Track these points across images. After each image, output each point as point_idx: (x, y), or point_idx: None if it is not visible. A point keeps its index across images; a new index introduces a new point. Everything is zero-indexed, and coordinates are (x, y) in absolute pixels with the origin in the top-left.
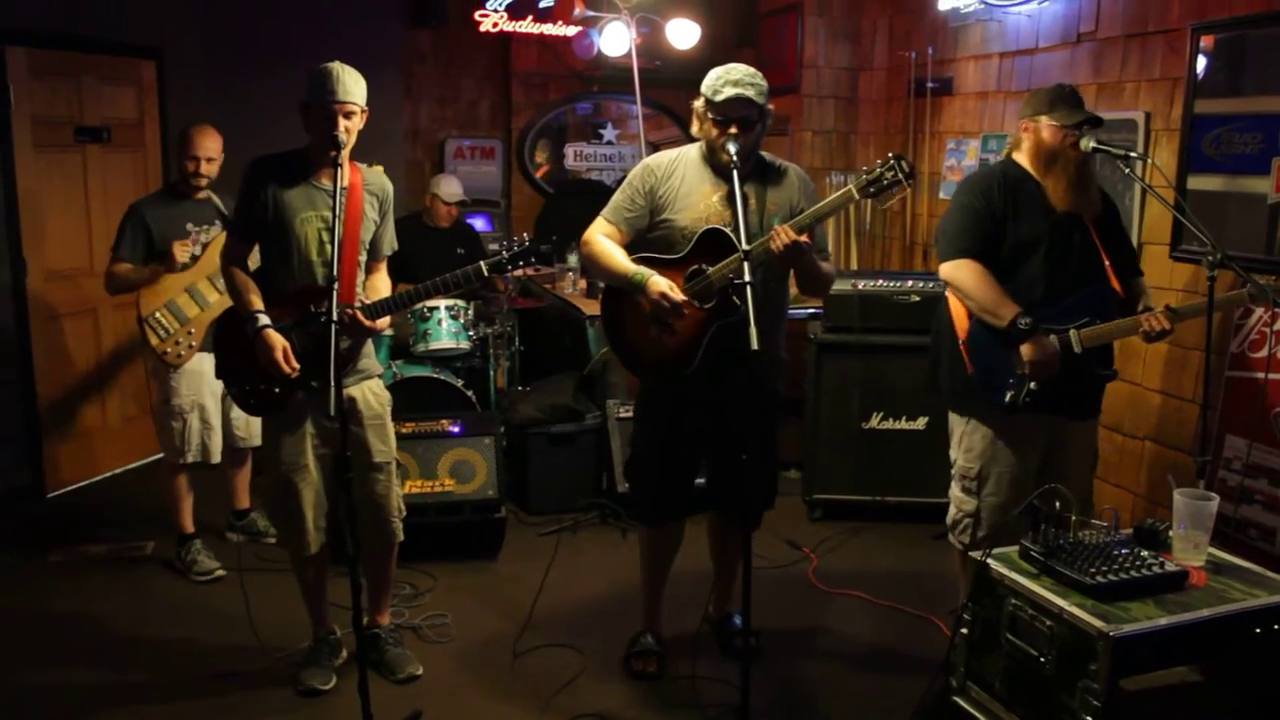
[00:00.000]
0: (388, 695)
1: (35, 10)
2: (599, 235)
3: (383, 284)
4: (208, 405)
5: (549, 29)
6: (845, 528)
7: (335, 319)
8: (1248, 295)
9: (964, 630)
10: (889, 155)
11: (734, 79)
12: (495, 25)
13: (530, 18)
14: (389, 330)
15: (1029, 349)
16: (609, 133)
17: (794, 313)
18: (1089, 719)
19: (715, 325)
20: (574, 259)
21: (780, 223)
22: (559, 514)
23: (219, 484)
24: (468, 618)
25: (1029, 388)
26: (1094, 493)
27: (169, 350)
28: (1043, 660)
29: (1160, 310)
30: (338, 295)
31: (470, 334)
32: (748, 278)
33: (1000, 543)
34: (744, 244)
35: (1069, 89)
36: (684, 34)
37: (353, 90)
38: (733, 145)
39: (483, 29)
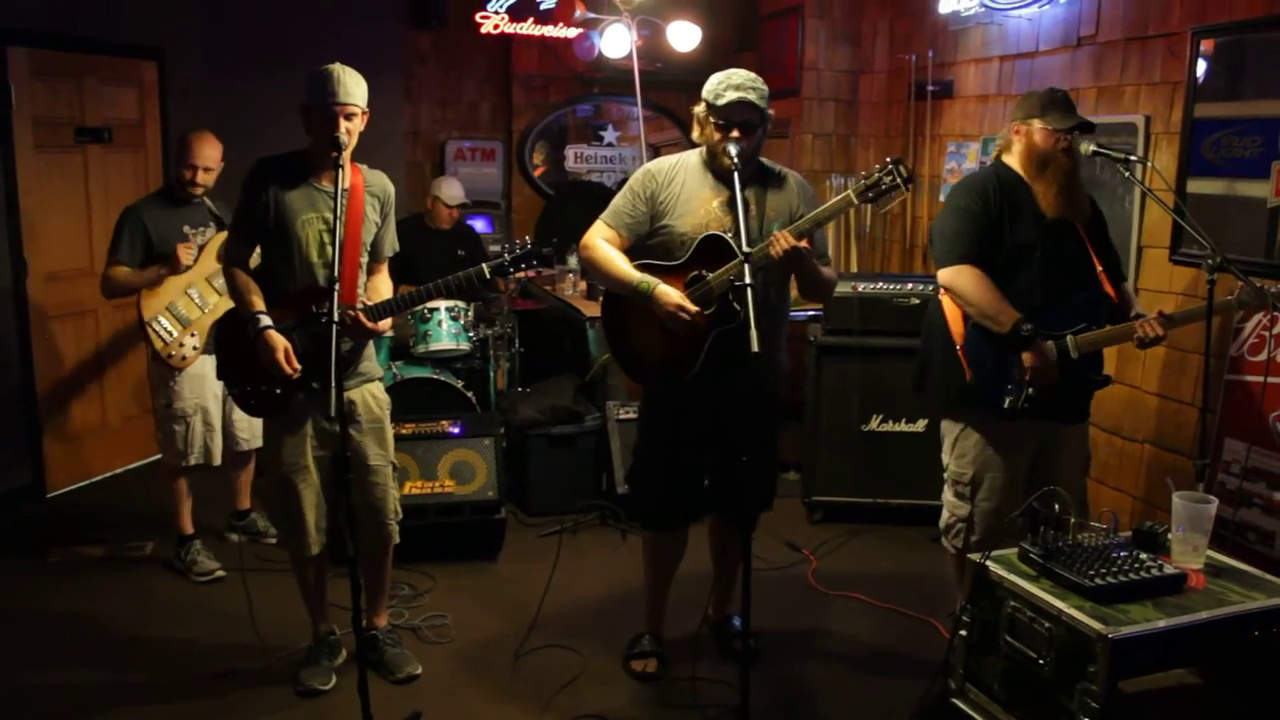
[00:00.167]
0: (387, 695)
1: (36, 11)
2: (599, 240)
3: (384, 285)
4: (210, 408)
5: (550, 31)
6: (845, 530)
7: (336, 320)
8: (1236, 303)
9: (963, 632)
10: (887, 160)
11: (735, 83)
12: (496, 27)
13: (531, 19)
14: (390, 331)
15: (1030, 355)
16: (609, 135)
17: (794, 315)
18: None
19: (716, 330)
20: (574, 261)
21: (780, 228)
22: (559, 515)
23: (218, 485)
24: (468, 618)
25: (1028, 393)
26: (1089, 495)
27: (173, 354)
28: (1041, 662)
29: (1154, 317)
30: (339, 296)
31: (470, 335)
32: (748, 280)
33: (993, 546)
34: (744, 247)
35: (1061, 94)
36: (684, 36)
37: (354, 92)
38: (734, 149)
39: (483, 30)
